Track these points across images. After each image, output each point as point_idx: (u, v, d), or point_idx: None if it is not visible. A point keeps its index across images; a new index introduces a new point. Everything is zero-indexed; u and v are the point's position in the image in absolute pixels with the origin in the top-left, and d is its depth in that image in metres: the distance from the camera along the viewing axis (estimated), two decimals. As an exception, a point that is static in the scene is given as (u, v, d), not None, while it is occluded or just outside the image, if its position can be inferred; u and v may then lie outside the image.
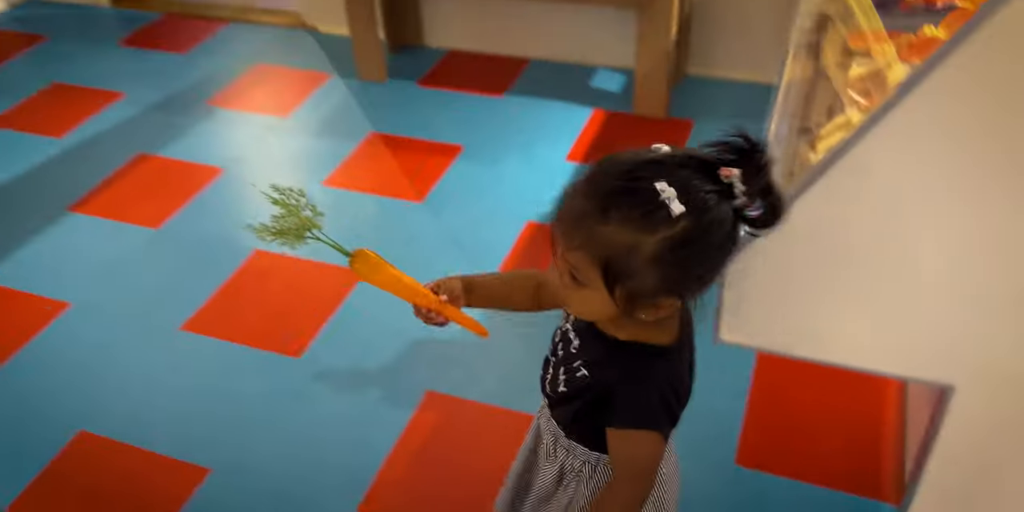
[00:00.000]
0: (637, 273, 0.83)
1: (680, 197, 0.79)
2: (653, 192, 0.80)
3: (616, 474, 1.04)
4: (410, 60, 3.17)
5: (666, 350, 0.96)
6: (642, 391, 0.95)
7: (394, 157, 2.65)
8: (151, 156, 2.74)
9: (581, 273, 0.86)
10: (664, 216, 0.80)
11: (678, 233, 0.80)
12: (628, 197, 0.81)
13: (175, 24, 3.55)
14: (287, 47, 3.33)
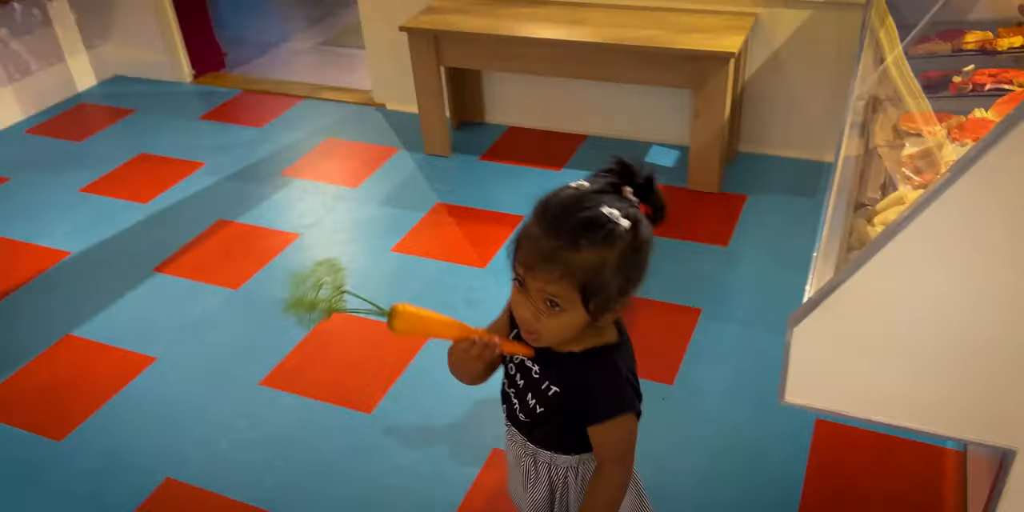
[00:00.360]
0: (607, 284, 1.02)
1: (621, 216, 1.01)
2: (604, 217, 1.00)
3: (603, 462, 1.18)
4: (473, 136, 3.37)
5: (617, 345, 1.15)
6: (612, 383, 1.13)
7: (458, 226, 2.80)
8: (230, 222, 2.93)
9: (563, 299, 1.02)
10: (618, 233, 1.00)
11: (628, 243, 1.02)
12: (589, 226, 1.00)
13: (252, 100, 3.82)
14: (357, 123, 3.55)
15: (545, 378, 1.15)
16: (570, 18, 2.94)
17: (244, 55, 4.31)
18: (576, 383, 1.13)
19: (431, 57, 3.04)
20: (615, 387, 1.13)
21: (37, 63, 3.84)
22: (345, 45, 4.38)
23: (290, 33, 4.61)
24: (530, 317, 1.06)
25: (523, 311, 1.06)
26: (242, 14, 4.92)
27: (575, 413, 1.14)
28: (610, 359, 1.13)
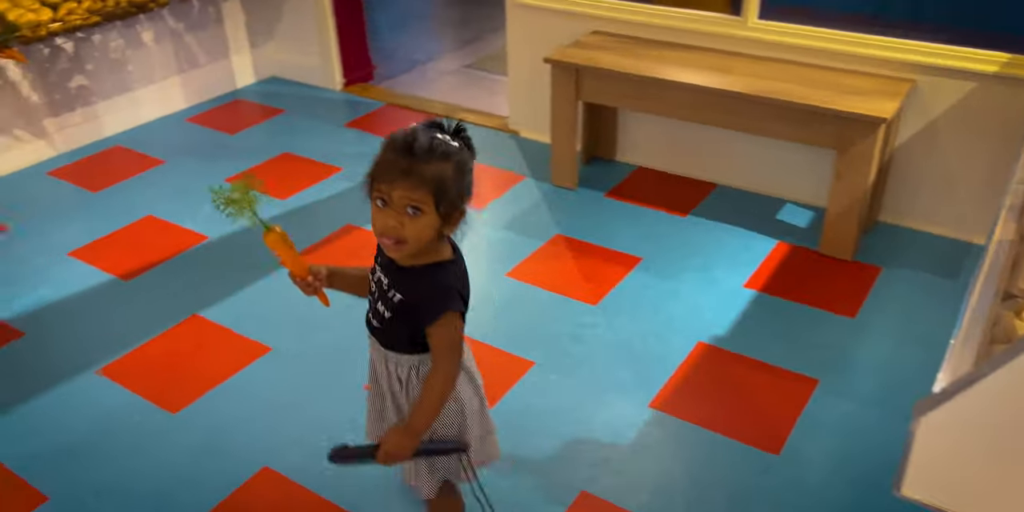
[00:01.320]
0: (449, 189, 1.33)
1: (452, 140, 1.35)
2: (439, 141, 1.34)
3: (436, 356, 1.44)
4: (601, 172, 3.39)
5: (451, 261, 1.43)
6: (441, 287, 1.41)
7: (575, 260, 2.81)
8: (357, 228, 3.04)
9: (422, 203, 1.32)
10: (452, 151, 1.34)
11: (458, 159, 1.35)
12: (431, 147, 1.32)
13: (393, 113, 3.97)
14: (489, 147, 3.63)
15: (391, 287, 1.44)
16: (716, 65, 2.93)
17: (392, 70, 4.49)
18: (414, 290, 1.42)
19: (571, 91, 3.09)
20: (444, 292, 1.41)
21: (205, 57, 4.12)
22: (488, 70, 4.50)
23: (438, 53, 4.78)
24: (396, 224, 1.34)
25: (388, 222, 1.34)
26: (395, 31, 5.13)
27: (413, 317, 1.42)
28: (443, 271, 1.42)
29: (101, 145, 3.70)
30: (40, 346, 2.48)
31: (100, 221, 3.11)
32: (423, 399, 1.45)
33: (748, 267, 2.74)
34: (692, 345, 2.41)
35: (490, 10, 5.45)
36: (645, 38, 3.18)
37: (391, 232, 1.34)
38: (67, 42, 3.54)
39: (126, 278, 2.78)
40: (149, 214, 3.14)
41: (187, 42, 4.02)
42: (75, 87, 3.64)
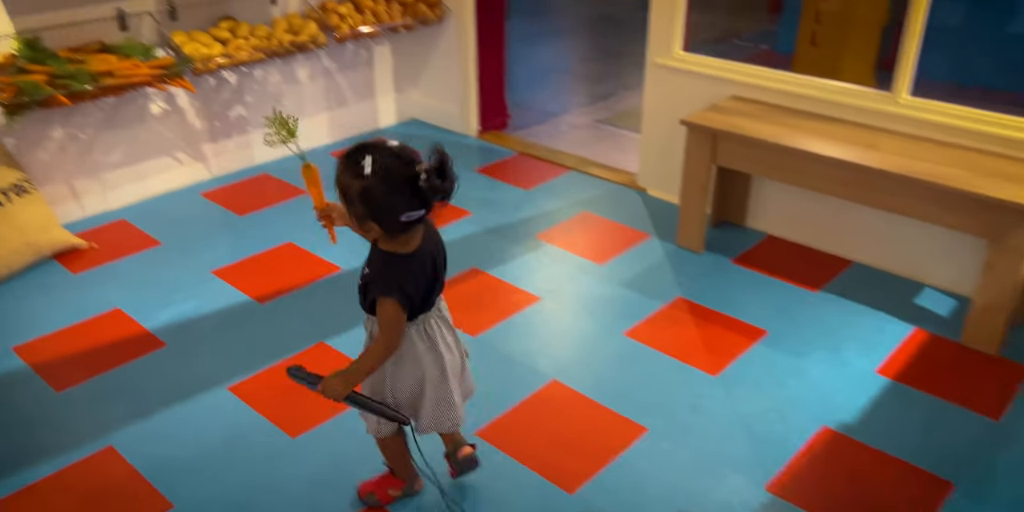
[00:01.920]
0: (354, 203, 1.59)
1: (373, 167, 1.55)
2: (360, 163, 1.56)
3: (379, 329, 1.74)
4: (729, 237, 3.35)
5: (405, 256, 1.69)
6: (385, 274, 1.69)
7: (696, 326, 2.77)
8: (482, 272, 3.11)
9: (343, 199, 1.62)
10: (360, 174, 1.56)
11: (365, 183, 1.56)
12: (351, 162, 1.58)
13: (525, 163, 4.06)
14: (616, 202, 3.66)
15: (366, 262, 1.74)
16: (863, 141, 2.87)
17: (526, 120, 4.61)
18: (372, 269, 1.72)
19: (706, 154, 3.08)
20: (386, 278, 1.69)
21: (353, 96, 4.35)
22: (620, 126, 4.55)
23: (571, 107, 4.88)
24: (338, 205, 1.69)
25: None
26: (532, 83, 5.28)
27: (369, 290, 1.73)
28: (393, 260, 1.69)
29: (251, 172, 3.94)
30: (179, 357, 2.63)
31: (244, 244, 3.29)
32: (361, 357, 1.78)
33: (881, 352, 2.63)
34: (816, 429, 2.31)
35: (625, 68, 5.55)
36: (786, 106, 3.16)
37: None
38: (232, 75, 3.82)
39: (262, 301, 2.93)
40: (289, 241, 3.31)
41: (338, 81, 4.25)
42: (234, 116, 3.91)
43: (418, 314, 1.77)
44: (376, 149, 1.57)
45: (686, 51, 3.42)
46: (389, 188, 1.56)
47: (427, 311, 1.79)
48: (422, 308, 1.77)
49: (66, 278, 3.07)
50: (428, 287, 1.74)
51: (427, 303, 1.78)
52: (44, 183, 3.36)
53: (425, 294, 1.74)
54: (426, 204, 1.59)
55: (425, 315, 1.79)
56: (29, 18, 3.14)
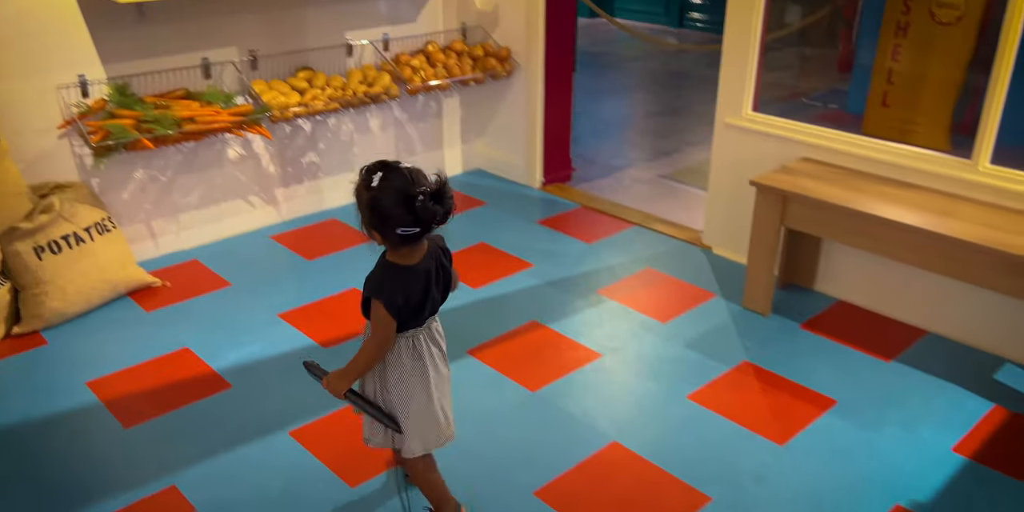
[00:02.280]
0: (361, 207, 1.80)
1: (380, 182, 1.75)
2: (366, 177, 1.77)
3: (371, 328, 1.90)
4: (797, 300, 3.29)
5: (405, 268, 1.86)
6: (379, 278, 1.86)
7: (763, 392, 2.71)
8: (542, 326, 3.10)
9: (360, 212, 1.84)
10: (368, 185, 1.76)
11: (372, 194, 1.76)
12: (366, 175, 1.78)
13: (588, 216, 4.08)
14: (680, 259, 3.63)
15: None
16: (938, 207, 2.81)
17: (590, 173, 4.64)
18: (371, 273, 1.88)
19: (775, 216, 3.05)
20: (379, 282, 1.86)
21: (422, 146, 4.44)
22: (684, 182, 4.55)
23: (635, 161, 4.90)
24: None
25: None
26: (597, 137, 5.33)
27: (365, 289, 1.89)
28: (390, 268, 1.86)
29: (320, 217, 4.03)
30: (243, 400, 2.67)
31: (310, 288, 3.35)
32: (356, 356, 1.93)
33: (958, 429, 2.52)
34: (888, 508, 2.21)
35: (689, 124, 5.57)
36: (858, 169, 3.12)
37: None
38: (307, 123, 3.94)
39: (325, 345, 2.96)
40: (353, 287, 3.36)
41: (408, 131, 4.36)
42: (306, 163, 4.02)
43: (408, 328, 1.92)
44: (387, 167, 1.78)
45: (755, 111, 3.42)
46: (390, 202, 1.75)
47: (418, 327, 1.94)
48: (413, 323, 1.92)
49: (139, 315, 3.15)
50: (420, 302, 1.88)
51: (417, 318, 1.92)
52: (124, 222, 3.48)
53: (417, 308, 1.89)
54: (421, 223, 1.76)
55: (415, 330, 1.94)
56: (121, 65, 3.31)
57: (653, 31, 8.43)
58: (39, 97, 3.14)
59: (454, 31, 4.33)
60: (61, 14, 3.10)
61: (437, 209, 1.75)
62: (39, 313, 3.01)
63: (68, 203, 3.10)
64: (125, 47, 3.29)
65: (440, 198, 1.76)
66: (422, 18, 4.20)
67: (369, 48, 4.03)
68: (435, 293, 1.93)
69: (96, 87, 3.25)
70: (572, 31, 4.28)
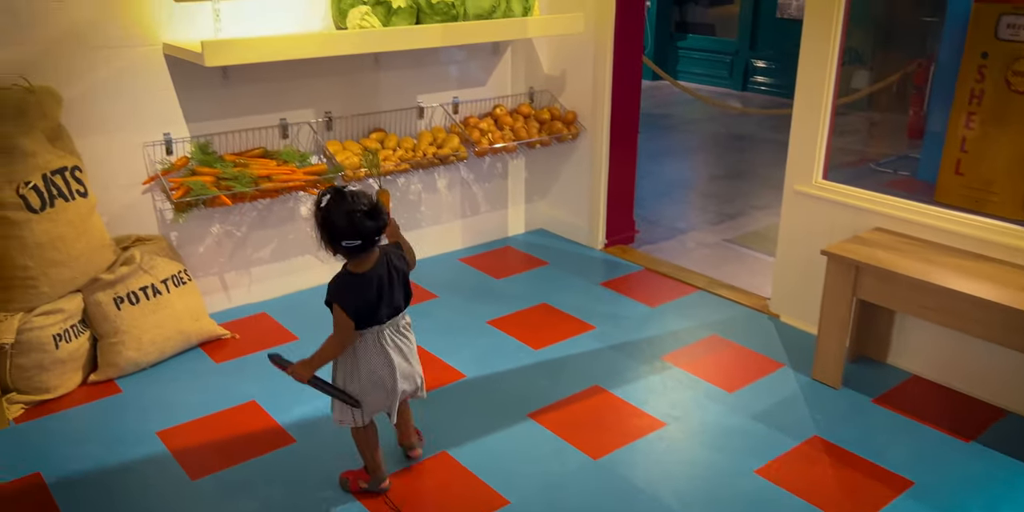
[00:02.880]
0: (317, 226, 2.18)
1: (328, 203, 2.15)
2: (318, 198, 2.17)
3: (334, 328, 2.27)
4: (868, 373, 3.19)
5: (358, 275, 2.24)
6: (337, 286, 2.24)
7: (834, 469, 2.61)
8: (604, 391, 3.06)
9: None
10: (319, 205, 2.16)
11: (323, 213, 2.16)
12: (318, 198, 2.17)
13: (651, 279, 4.06)
14: (746, 327, 3.57)
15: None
16: (1017, 282, 2.72)
17: (653, 236, 4.64)
18: (332, 280, 2.27)
19: (847, 287, 2.99)
20: (337, 288, 2.25)
21: (487, 206, 4.51)
22: (751, 247, 4.51)
23: (699, 224, 4.88)
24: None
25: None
26: (660, 199, 5.34)
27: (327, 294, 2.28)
28: (345, 275, 2.25)
29: (385, 273, 4.10)
30: (306, 456, 2.68)
31: (373, 345, 3.39)
32: (319, 349, 2.30)
33: (1047, 518, 2.39)
34: (974, 600, 2.10)
35: (754, 187, 5.55)
36: (932, 241, 3.05)
37: None
38: (377, 182, 4.04)
39: (388, 404, 2.97)
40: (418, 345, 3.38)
41: (473, 191, 4.43)
42: (375, 220, 4.11)
43: (371, 325, 2.29)
44: (335, 191, 2.18)
45: (826, 178, 3.40)
46: (334, 219, 2.15)
47: (380, 324, 2.31)
48: (373, 320, 2.29)
49: (209, 366, 3.22)
50: (375, 303, 2.26)
51: (376, 317, 2.29)
52: (198, 274, 3.59)
53: (373, 308, 2.26)
54: (362, 236, 2.16)
55: (379, 327, 2.31)
56: (203, 124, 3.47)
57: (716, 94, 8.50)
58: (127, 153, 3.30)
59: (522, 95, 4.44)
60: (154, 75, 3.28)
61: (371, 224, 2.15)
62: (115, 362, 3.10)
63: (148, 256, 3.22)
64: (209, 107, 3.45)
65: (374, 215, 2.16)
66: (491, 82, 4.32)
67: (440, 110, 4.15)
68: (393, 294, 2.30)
69: (180, 144, 3.41)
70: (637, 94, 4.34)
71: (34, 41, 2.98)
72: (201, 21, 3.31)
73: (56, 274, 2.94)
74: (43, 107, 2.90)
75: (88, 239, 3.03)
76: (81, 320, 3.10)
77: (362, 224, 2.12)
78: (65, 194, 2.95)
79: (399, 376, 2.37)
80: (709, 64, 9.10)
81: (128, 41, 3.18)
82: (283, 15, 3.51)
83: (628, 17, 4.11)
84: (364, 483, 2.50)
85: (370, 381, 2.35)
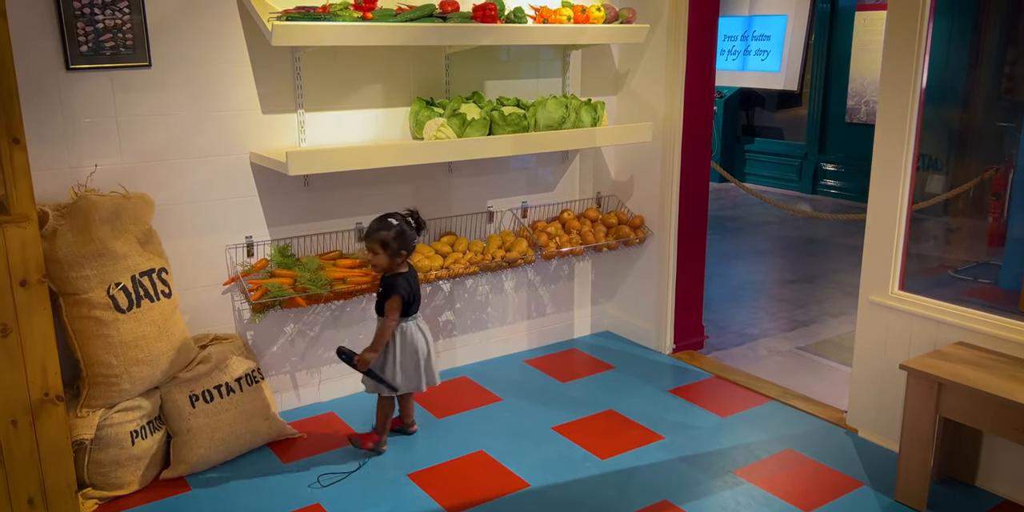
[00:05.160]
0: (389, 243, 3.17)
1: (398, 221, 3.20)
2: (387, 221, 3.21)
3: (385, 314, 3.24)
4: (956, 495, 3.00)
5: (402, 274, 3.24)
6: (393, 283, 3.21)
7: (925, 603, 2.42)
8: (674, 506, 2.94)
9: (378, 249, 3.18)
10: (390, 225, 3.18)
11: (391, 234, 3.17)
12: (383, 221, 3.21)
13: (721, 387, 3.95)
14: (823, 441, 3.42)
15: (379, 286, 3.25)
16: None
17: (723, 342, 4.56)
18: (384, 284, 3.22)
19: (929, 404, 2.86)
20: (394, 282, 3.19)
21: (552, 307, 4.53)
22: (826, 356, 4.38)
23: (771, 331, 4.78)
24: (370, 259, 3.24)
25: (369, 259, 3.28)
26: (730, 303, 5.27)
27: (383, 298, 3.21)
28: (396, 276, 3.21)
29: (452, 373, 4.11)
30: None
31: (440, 447, 3.36)
32: (377, 336, 3.20)
33: None
34: None
35: (828, 293, 5.44)
36: (1020, 357, 2.91)
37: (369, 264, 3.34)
38: (446, 284, 4.12)
39: (451, 510, 2.91)
40: (481, 449, 3.34)
41: (540, 293, 4.47)
42: (443, 321, 4.16)
43: (411, 314, 3.25)
44: (394, 214, 3.21)
45: (902, 289, 3.31)
46: (406, 232, 3.18)
47: (411, 315, 3.25)
48: (413, 309, 3.25)
49: (275, 466, 3.24)
50: (416, 292, 3.25)
51: (416, 305, 3.26)
52: (270, 372, 3.67)
53: (415, 297, 3.24)
54: (415, 241, 3.24)
55: (415, 316, 3.28)
56: (283, 228, 3.62)
57: (785, 197, 8.49)
58: (211, 255, 3.46)
59: (589, 199, 4.53)
60: (239, 182, 3.47)
61: (416, 233, 3.22)
62: (187, 459, 3.15)
63: (224, 354, 3.32)
64: (289, 212, 3.62)
65: (419, 227, 3.24)
66: (560, 187, 4.43)
67: (509, 215, 4.26)
68: (418, 292, 3.27)
69: (260, 247, 3.56)
70: (706, 198, 4.38)
71: (133, 151, 3.21)
72: (283, 131, 3.53)
73: (138, 372, 3.04)
74: (137, 213, 3.10)
75: (170, 338, 3.15)
76: (157, 417, 3.18)
77: (415, 233, 3.22)
78: (151, 295, 3.10)
79: (432, 353, 3.31)
80: (777, 167, 9.15)
81: (218, 150, 3.40)
82: (362, 126, 3.72)
83: (696, 122, 4.20)
84: (372, 443, 3.32)
85: (412, 359, 3.25)
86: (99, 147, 3.12)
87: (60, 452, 2.82)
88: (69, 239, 2.91)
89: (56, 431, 2.80)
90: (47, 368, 2.77)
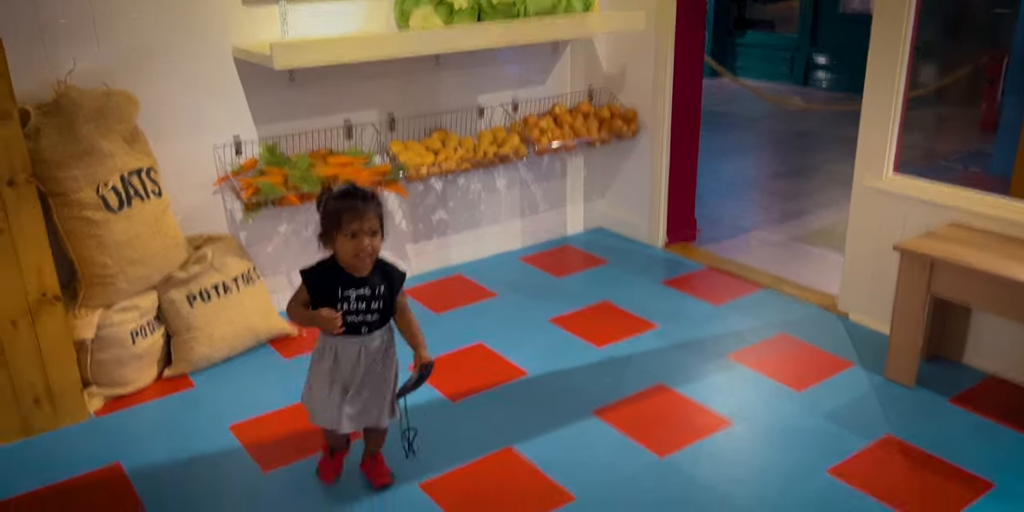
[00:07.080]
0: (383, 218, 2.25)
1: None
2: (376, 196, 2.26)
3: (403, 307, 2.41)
4: (943, 373, 3.09)
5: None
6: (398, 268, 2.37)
7: (909, 470, 2.54)
8: (669, 389, 3.03)
9: (379, 228, 2.23)
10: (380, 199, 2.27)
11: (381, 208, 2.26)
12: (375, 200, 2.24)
13: (714, 278, 4.00)
14: (814, 325, 3.50)
15: (373, 286, 2.29)
16: (1106, 279, 2.61)
17: (715, 234, 4.58)
18: (390, 275, 2.35)
19: (921, 284, 2.91)
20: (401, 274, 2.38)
21: (545, 205, 4.51)
22: (817, 245, 4.41)
23: (764, 223, 4.80)
24: (368, 244, 2.21)
25: (362, 245, 2.21)
26: (722, 197, 5.27)
27: (393, 292, 2.34)
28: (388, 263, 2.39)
29: (447, 272, 4.14)
30: (372, 451, 2.72)
31: (439, 340, 3.40)
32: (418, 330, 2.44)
33: None
34: (1064, 607, 2.02)
35: (819, 185, 5.44)
36: (1012, 235, 2.94)
37: (367, 250, 2.22)
38: (438, 182, 4.08)
39: (454, 399, 2.99)
40: (479, 342, 3.40)
41: (532, 191, 4.44)
42: (436, 220, 4.15)
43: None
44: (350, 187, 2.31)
45: (897, 173, 3.31)
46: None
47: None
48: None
49: (278, 362, 3.29)
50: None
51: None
52: (267, 273, 3.67)
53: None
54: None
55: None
56: (271, 126, 3.54)
57: (777, 90, 8.36)
58: (198, 155, 3.39)
59: (581, 93, 4.43)
60: (223, 79, 3.36)
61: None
62: (188, 357, 3.19)
63: (219, 254, 3.31)
64: (275, 109, 3.53)
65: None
66: (551, 81, 4.32)
67: (499, 110, 4.17)
68: None
69: (248, 146, 3.49)
70: (699, 92, 4.29)
71: (112, 49, 3.09)
72: (265, 24, 3.39)
73: (133, 271, 3.03)
74: (121, 110, 3.01)
75: (163, 238, 3.13)
76: (156, 317, 3.20)
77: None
78: (141, 194, 3.05)
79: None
80: (769, 60, 8.96)
81: (199, 45, 3.27)
82: (346, 18, 3.57)
83: (689, 14, 4.07)
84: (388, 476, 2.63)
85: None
86: (78, 47, 3.00)
87: (63, 351, 2.85)
88: (54, 138, 2.83)
89: (56, 331, 2.83)
90: (42, 268, 2.76)
